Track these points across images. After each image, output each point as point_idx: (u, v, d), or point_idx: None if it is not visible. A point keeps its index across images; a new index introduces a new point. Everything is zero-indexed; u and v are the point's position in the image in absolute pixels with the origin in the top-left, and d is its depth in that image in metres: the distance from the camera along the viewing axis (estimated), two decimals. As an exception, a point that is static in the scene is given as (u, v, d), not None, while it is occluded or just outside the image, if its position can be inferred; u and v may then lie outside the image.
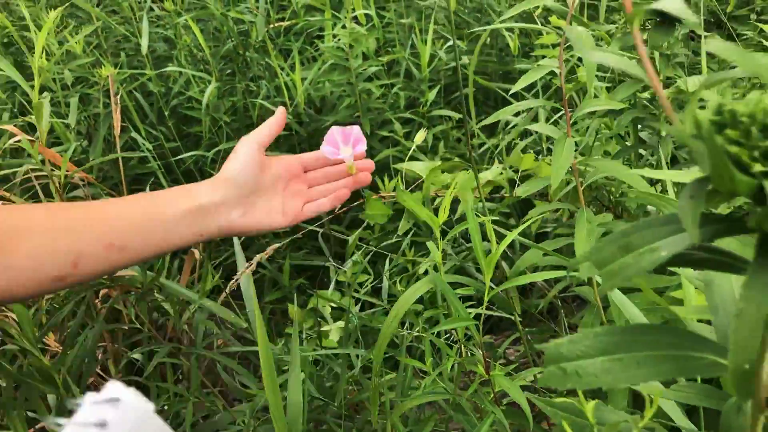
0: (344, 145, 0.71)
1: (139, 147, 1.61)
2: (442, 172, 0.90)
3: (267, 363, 0.58)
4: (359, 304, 1.12)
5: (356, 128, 0.71)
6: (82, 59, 1.52)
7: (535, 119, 1.65)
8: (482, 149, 1.68)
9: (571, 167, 0.71)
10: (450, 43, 1.74)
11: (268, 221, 0.69)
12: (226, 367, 0.96)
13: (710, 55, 1.95)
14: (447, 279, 0.61)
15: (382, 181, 1.42)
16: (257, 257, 0.87)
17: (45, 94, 0.99)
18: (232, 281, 0.87)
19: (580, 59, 1.26)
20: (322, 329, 0.87)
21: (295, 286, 1.37)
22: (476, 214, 0.73)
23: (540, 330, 1.06)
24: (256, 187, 0.68)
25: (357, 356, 0.88)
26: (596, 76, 0.81)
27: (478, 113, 1.88)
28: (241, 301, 1.02)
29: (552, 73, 0.79)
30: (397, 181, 0.99)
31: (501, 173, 0.90)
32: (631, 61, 0.27)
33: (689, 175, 0.52)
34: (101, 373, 1.19)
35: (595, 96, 0.83)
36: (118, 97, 1.17)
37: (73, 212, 0.59)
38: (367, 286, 1.06)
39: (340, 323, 0.87)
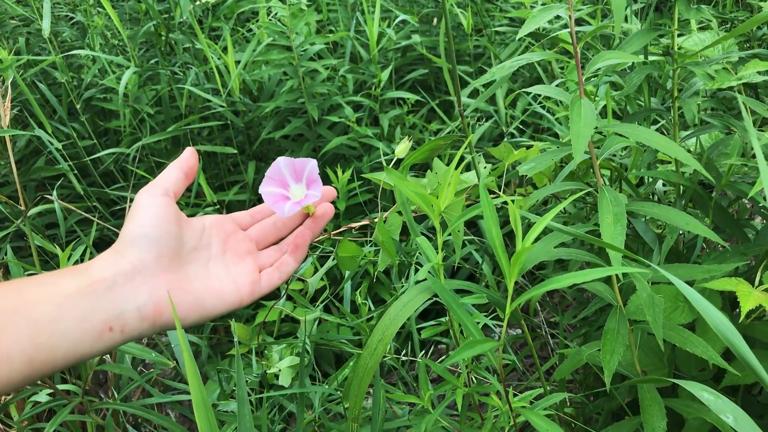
0: (295, 182, 0.53)
1: (45, 146, 1.38)
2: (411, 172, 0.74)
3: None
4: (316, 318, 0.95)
5: (311, 162, 0.53)
6: (-32, 43, 1.28)
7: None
8: (439, 132, 1.54)
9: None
10: (399, 19, 1.59)
11: (215, 297, 0.48)
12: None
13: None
14: (450, 285, 0.45)
15: (335, 173, 1.25)
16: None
17: None
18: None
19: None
20: (267, 371, 0.69)
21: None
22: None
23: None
24: (179, 245, 0.47)
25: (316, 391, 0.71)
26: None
27: (432, 98, 1.74)
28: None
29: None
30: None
31: (489, 174, 0.74)
32: None
33: None
34: (3, 419, 0.99)
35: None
36: (8, 82, 0.96)
37: None
38: (325, 298, 0.89)
39: (291, 360, 0.69)
